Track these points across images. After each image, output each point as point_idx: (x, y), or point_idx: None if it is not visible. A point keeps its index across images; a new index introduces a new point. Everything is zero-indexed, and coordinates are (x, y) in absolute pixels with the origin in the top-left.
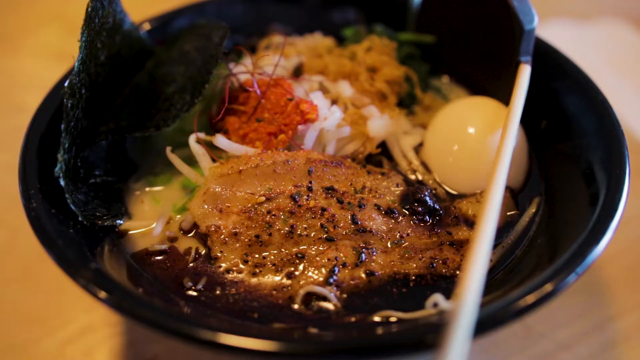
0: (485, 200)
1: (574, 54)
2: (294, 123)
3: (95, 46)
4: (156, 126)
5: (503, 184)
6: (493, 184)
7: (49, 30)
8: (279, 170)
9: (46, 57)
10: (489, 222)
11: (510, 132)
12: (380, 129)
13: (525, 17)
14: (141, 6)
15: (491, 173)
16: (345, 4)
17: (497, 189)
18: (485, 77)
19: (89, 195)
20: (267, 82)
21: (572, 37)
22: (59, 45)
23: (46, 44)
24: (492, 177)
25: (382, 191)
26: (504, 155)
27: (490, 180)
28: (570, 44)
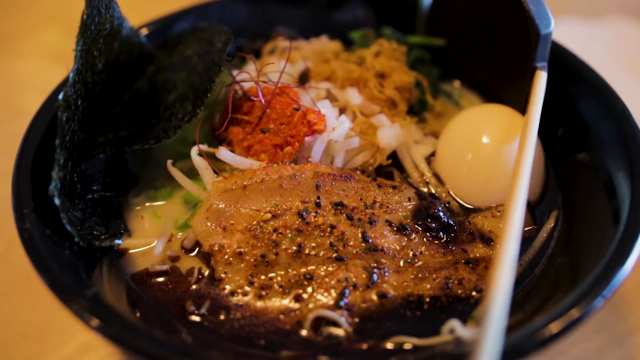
0: (506, 219)
1: (582, 52)
2: (300, 134)
3: (91, 54)
4: (156, 138)
5: (524, 200)
6: (513, 201)
7: (49, 32)
8: (285, 185)
9: (46, 58)
10: (510, 245)
11: (529, 142)
12: (391, 139)
13: (541, 21)
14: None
15: (511, 188)
16: (353, 5)
17: (517, 207)
18: (499, 83)
19: (86, 212)
20: (273, 90)
21: (580, 36)
22: (59, 46)
23: (46, 46)
24: (512, 192)
25: (394, 206)
26: (523, 168)
27: (510, 196)
28: (578, 43)
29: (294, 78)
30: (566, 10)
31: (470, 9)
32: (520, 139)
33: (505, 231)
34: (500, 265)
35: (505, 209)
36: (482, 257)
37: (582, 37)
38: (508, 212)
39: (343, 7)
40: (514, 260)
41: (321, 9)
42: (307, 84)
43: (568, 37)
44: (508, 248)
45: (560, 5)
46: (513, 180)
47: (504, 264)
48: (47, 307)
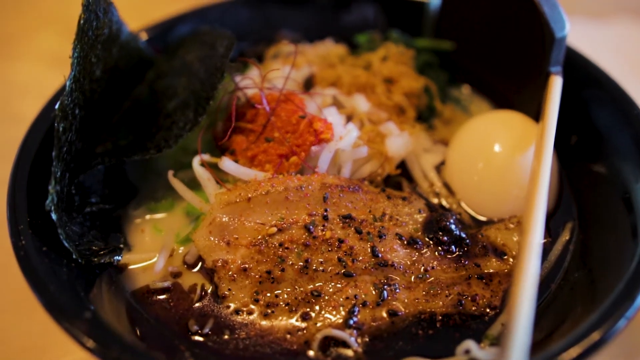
0: (525, 235)
1: (589, 52)
2: (307, 144)
3: (89, 61)
4: (157, 147)
5: (544, 215)
6: (533, 215)
7: (47, 34)
8: (291, 197)
9: (44, 62)
10: (531, 265)
11: (546, 151)
12: (399, 148)
13: (556, 24)
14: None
15: (529, 200)
16: (358, 7)
17: (537, 222)
18: (510, 88)
19: (85, 226)
20: (277, 97)
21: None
22: (58, 49)
23: (44, 49)
24: (531, 205)
25: (404, 218)
26: (542, 179)
27: (529, 209)
28: (585, 43)
29: (299, 84)
30: (573, 10)
31: (480, 12)
32: (536, 148)
33: (525, 249)
34: (521, 288)
35: (524, 224)
36: (496, 272)
37: (589, 37)
38: (528, 227)
39: (348, 9)
40: (536, 282)
41: (325, 11)
42: (312, 89)
43: (575, 38)
44: (529, 268)
45: (567, 5)
46: (531, 193)
47: (525, 286)
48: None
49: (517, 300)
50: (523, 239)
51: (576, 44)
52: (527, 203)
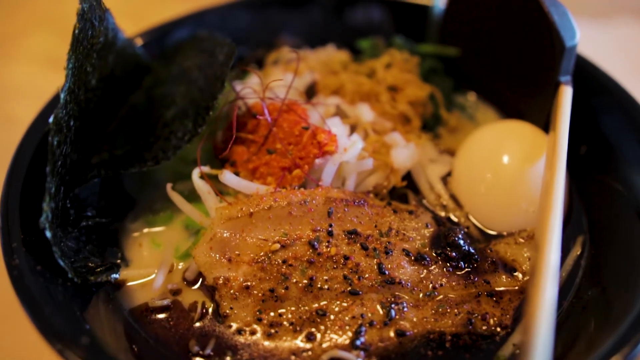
0: (541, 254)
1: (592, 54)
2: (310, 156)
3: (84, 71)
4: (154, 159)
5: (559, 231)
6: (548, 231)
7: (41, 35)
8: (295, 212)
9: (38, 63)
10: (548, 285)
11: (560, 164)
12: (405, 160)
13: (566, 33)
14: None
15: (542, 215)
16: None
17: (552, 238)
18: (517, 96)
19: (81, 241)
20: (279, 107)
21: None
22: (52, 50)
23: (38, 49)
24: (546, 221)
25: (411, 233)
26: (556, 193)
27: (544, 225)
28: (588, 44)
29: (301, 92)
30: (575, 11)
31: (486, 17)
32: (548, 159)
33: (542, 267)
34: (538, 310)
35: (538, 240)
36: (506, 288)
37: (591, 38)
38: (543, 244)
39: (350, 13)
40: (554, 304)
41: (327, 15)
42: (315, 98)
43: None
44: (546, 289)
45: (569, 6)
46: (545, 206)
47: (542, 309)
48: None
49: (534, 323)
50: (539, 257)
51: (579, 46)
52: (541, 217)
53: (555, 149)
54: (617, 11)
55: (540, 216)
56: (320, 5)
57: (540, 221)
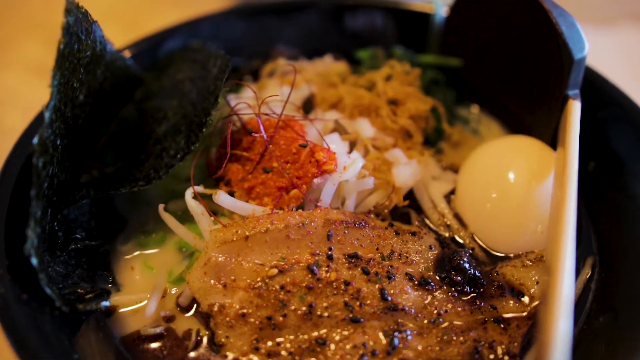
0: (554, 281)
1: (593, 59)
2: (308, 176)
3: (71, 87)
4: (146, 178)
5: (573, 253)
6: (560, 255)
7: (32, 42)
8: (292, 235)
9: (30, 71)
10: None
11: (571, 182)
12: (408, 179)
13: (574, 45)
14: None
15: (554, 236)
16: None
17: (566, 264)
18: (522, 109)
19: (69, 265)
20: (276, 123)
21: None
22: (44, 58)
23: (28, 57)
24: (558, 243)
25: (414, 256)
26: (568, 213)
27: (556, 248)
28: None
29: (298, 107)
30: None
31: (491, 27)
32: (557, 177)
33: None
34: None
35: (551, 263)
36: (514, 314)
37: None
38: (556, 270)
39: (348, 22)
40: (570, 334)
41: (325, 24)
42: (312, 112)
43: None
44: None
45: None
46: (556, 227)
47: (557, 345)
48: None
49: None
50: (551, 282)
51: None
52: (552, 239)
53: (565, 166)
54: (618, 16)
55: (551, 238)
56: (318, 14)
57: (552, 243)
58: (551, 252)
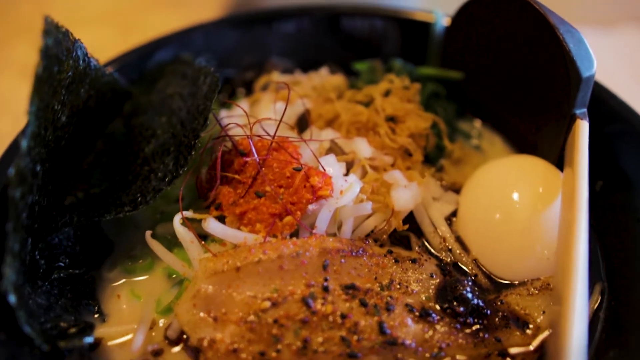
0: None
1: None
2: (303, 202)
3: (51, 110)
4: (133, 203)
5: (585, 283)
6: (572, 284)
7: (25, 45)
8: (286, 265)
9: (19, 76)
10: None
11: (581, 205)
12: (407, 202)
13: (582, 63)
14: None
15: (565, 262)
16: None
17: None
18: (527, 126)
19: (52, 295)
20: (268, 145)
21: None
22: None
23: (22, 61)
24: (569, 269)
25: (414, 285)
26: (579, 238)
27: (566, 278)
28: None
29: (292, 124)
30: (578, 19)
31: (494, 39)
32: (564, 200)
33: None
34: None
35: (562, 292)
36: (519, 346)
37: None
38: (567, 302)
39: (345, 32)
40: None
41: (321, 34)
42: (308, 130)
43: None
44: None
45: (572, 14)
46: (566, 254)
47: None
48: None
49: None
50: (563, 314)
51: None
52: (562, 265)
53: (574, 189)
54: (620, 19)
55: (561, 264)
56: (313, 23)
57: (562, 270)
58: (561, 280)
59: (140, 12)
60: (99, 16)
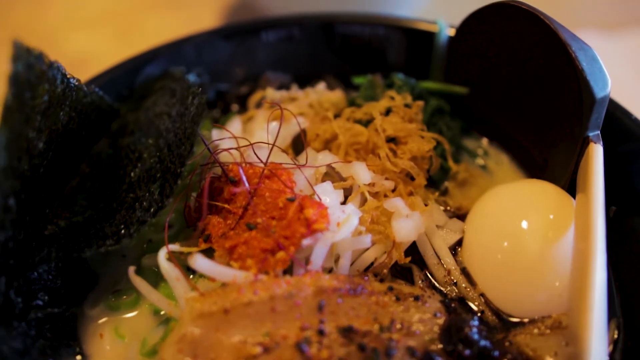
0: None
1: None
2: (296, 236)
3: (25, 139)
4: (115, 235)
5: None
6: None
7: None
8: (279, 307)
9: None
10: None
11: (597, 237)
12: (409, 233)
13: (597, 83)
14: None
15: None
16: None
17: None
18: (536, 147)
19: (29, 337)
20: (260, 172)
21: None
22: None
23: None
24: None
25: (417, 326)
26: (595, 273)
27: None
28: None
29: (287, 146)
30: (583, 23)
31: (501, 55)
32: (578, 229)
33: None
34: None
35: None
36: None
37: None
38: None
39: (344, 43)
40: None
41: (318, 45)
42: (303, 152)
43: None
44: None
45: (577, 18)
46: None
47: None
48: None
49: None
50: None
51: None
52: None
53: (589, 217)
54: (625, 22)
55: (575, 300)
56: (311, 34)
57: (577, 307)
58: (576, 318)
59: (137, 14)
60: (97, 17)
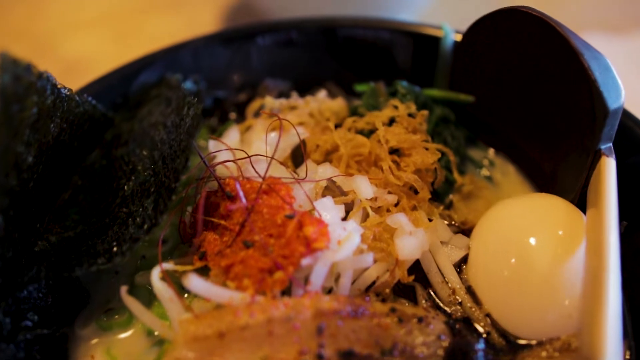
0: None
1: None
2: (295, 255)
3: (13, 153)
4: (107, 253)
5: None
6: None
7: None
8: (276, 331)
9: None
10: None
11: (611, 255)
12: (413, 251)
13: (610, 94)
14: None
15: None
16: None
17: None
18: (544, 158)
19: (17, 359)
20: (258, 187)
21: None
22: None
23: None
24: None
25: (420, 349)
26: (609, 292)
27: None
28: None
29: (286, 153)
30: (590, 25)
31: (508, 61)
32: (590, 246)
33: None
34: None
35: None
36: None
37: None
38: None
39: (346, 48)
40: None
41: (319, 52)
42: (303, 165)
43: None
44: None
45: (583, 20)
46: (594, 311)
47: None
48: None
49: None
50: None
51: None
52: (591, 323)
53: (602, 233)
54: (632, 24)
55: (587, 321)
56: (312, 39)
57: (589, 329)
58: (588, 341)
59: (136, 16)
60: (96, 18)
